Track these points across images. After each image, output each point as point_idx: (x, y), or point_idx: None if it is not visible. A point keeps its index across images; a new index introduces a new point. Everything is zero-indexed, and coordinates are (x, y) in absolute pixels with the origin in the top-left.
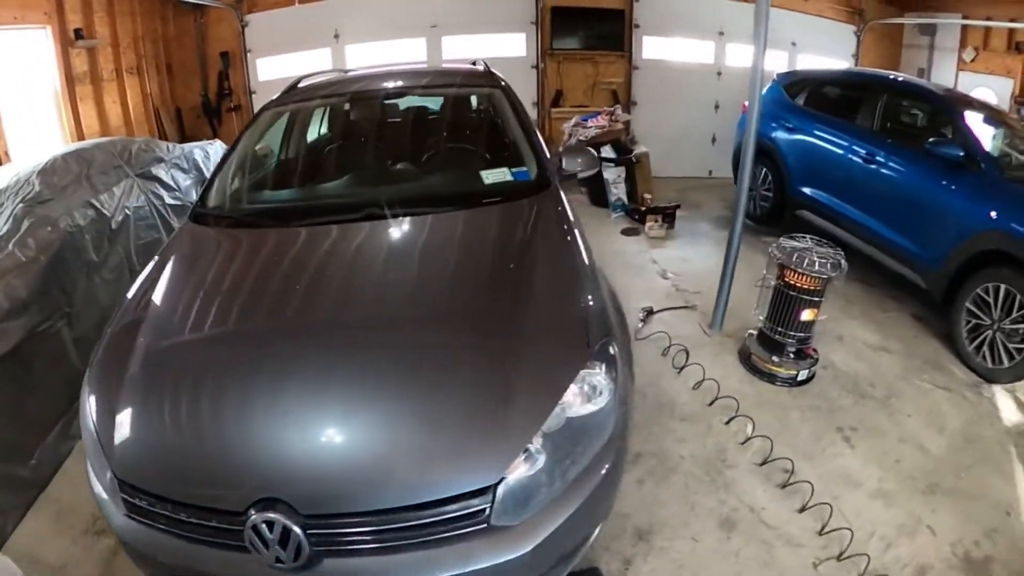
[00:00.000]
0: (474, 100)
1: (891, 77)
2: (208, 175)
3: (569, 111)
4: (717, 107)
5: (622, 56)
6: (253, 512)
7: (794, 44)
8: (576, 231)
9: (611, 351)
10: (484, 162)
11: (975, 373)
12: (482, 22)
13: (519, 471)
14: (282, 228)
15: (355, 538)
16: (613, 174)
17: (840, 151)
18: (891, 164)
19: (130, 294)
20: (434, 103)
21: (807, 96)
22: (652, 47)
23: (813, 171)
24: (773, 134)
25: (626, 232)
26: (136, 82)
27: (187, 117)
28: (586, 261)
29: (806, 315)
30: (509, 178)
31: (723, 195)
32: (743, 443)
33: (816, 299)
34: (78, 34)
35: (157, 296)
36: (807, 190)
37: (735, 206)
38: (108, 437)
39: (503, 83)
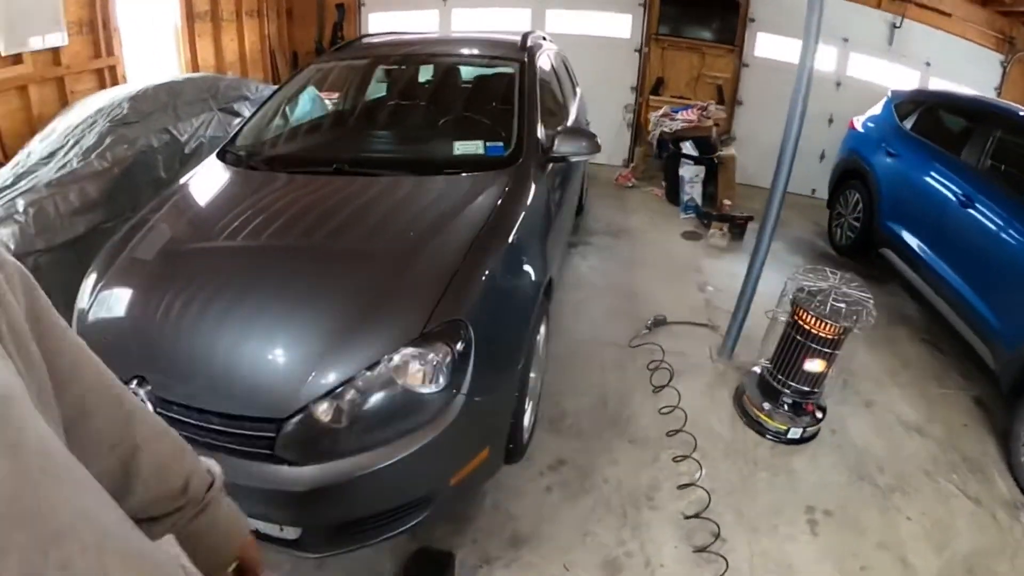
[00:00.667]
0: (491, 73)
1: (1011, 109)
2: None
3: (668, 101)
4: (831, 121)
5: (732, 51)
6: (133, 383)
7: (928, 64)
8: (513, 212)
9: (462, 333)
10: (472, 134)
11: (1022, 491)
12: None
13: (310, 413)
14: (269, 172)
15: (186, 427)
16: (691, 172)
17: (936, 188)
18: (989, 212)
19: (153, 202)
20: (456, 73)
21: (916, 119)
22: (766, 45)
23: (904, 206)
24: (872, 157)
25: (687, 235)
26: (255, 24)
27: (302, 60)
28: (501, 244)
29: (812, 366)
30: (480, 151)
31: (817, 218)
32: (681, 488)
33: (827, 349)
34: None
35: (165, 207)
36: (895, 226)
37: (826, 233)
38: (84, 309)
39: (525, 58)
